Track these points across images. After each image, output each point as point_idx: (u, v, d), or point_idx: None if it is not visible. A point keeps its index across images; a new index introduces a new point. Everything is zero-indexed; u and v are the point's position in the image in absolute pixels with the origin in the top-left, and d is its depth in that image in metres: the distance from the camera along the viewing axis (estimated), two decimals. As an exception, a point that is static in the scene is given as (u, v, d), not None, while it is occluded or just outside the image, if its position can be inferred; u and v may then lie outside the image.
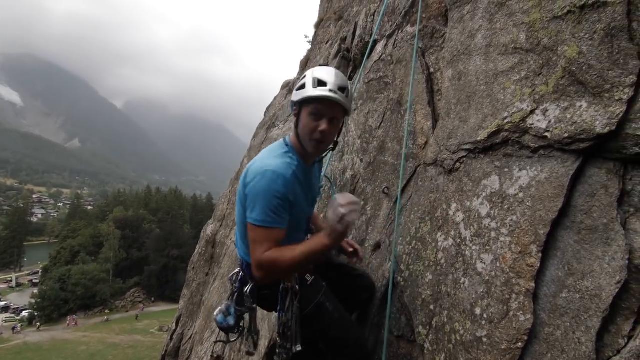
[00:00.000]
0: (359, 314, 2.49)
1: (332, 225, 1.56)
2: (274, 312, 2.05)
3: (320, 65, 1.83)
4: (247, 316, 2.15)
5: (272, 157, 1.76)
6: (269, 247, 1.63)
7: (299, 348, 1.91)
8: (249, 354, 2.27)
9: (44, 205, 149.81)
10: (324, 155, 2.05)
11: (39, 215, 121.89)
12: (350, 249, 2.24)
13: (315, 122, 1.70)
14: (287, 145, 1.85)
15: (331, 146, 1.89)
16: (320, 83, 1.69)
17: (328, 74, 1.72)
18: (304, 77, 1.77)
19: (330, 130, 1.73)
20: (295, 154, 1.83)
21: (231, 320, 2.05)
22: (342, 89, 1.70)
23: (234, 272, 2.10)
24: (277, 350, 1.99)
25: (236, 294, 2.04)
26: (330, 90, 1.67)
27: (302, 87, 1.73)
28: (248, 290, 1.96)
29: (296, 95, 1.75)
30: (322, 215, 2.94)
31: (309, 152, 1.80)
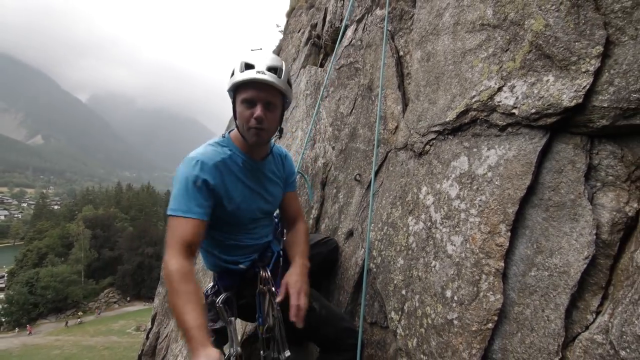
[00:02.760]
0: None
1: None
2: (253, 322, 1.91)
3: (252, 50, 1.74)
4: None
5: (202, 147, 1.67)
6: (177, 247, 1.44)
7: (288, 354, 1.80)
8: None
9: (6, 206, 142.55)
10: (270, 143, 1.86)
11: (2, 217, 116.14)
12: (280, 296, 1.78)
13: (249, 110, 1.58)
14: (223, 137, 1.76)
15: (277, 134, 1.77)
16: (248, 66, 1.57)
17: (256, 56, 1.60)
18: (235, 63, 1.65)
19: (267, 115, 1.60)
20: (233, 145, 1.72)
21: (212, 337, 1.83)
22: (272, 69, 1.57)
23: (207, 287, 1.94)
24: None
25: (209, 308, 1.83)
26: (258, 72, 1.54)
27: (232, 74, 1.61)
28: (221, 302, 1.76)
29: (228, 84, 1.63)
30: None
31: (249, 142, 1.66)
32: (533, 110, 1.34)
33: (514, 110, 1.42)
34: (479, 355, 1.37)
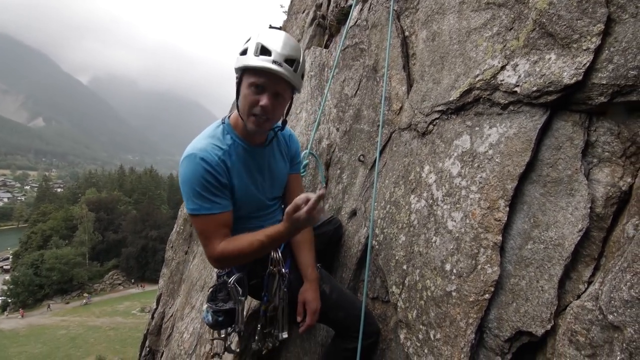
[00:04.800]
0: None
1: (292, 215, 1.42)
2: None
3: (271, 27, 1.56)
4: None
5: (202, 139, 1.58)
6: (215, 236, 1.50)
7: (285, 335, 1.85)
8: (217, 355, 2.13)
9: (9, 188, 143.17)
10: (272, 135, 1.77)
11: (5, 199, 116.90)
12: (299, 316, 1.83)
13: (255, 96, 1.47)
14: (223, 122, 1.65)
15: (279, 125, 1.69)
16: (264, 51, 1.42)
17: (275, 40, 1.44)
18: (249, 39, 1.51)
19: (274, 106, 1.50)
20: (234, 133, 1.63)
21: (220, 317, 1.86)
22: (290, 60, 1.45)
23: None
24: (256, 337, 1.89)
25: (219, 288, 1.86)
26: (274, 62, 1.41)
27: (244, 52, 1.47)
28: (233, 282, 1.78)
29: (237, 61, 1.49)
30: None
31: (248, 129, 1.56)
32: (534, 89, 1.37)
33: (516, 89, 1.45)
34: (476, 324, 1.44)
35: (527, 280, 1.33)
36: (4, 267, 59.17)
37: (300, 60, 1.50)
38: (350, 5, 3.63)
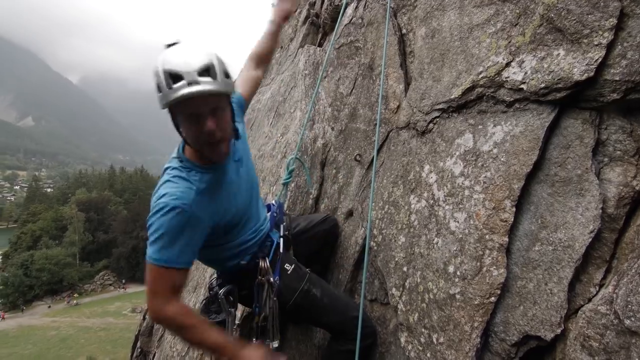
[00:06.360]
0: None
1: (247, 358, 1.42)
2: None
3: (168, 45, 1.37)
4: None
5: (170, 183, 1.44)
6: (168, 297, 1.40)
7: (276, 344, 1.81)
8: None
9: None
10: (232, 146, 1.63)
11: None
12: None
13: (195, 125, 1.34)
14: (181, 160, 1.51)
15: (232, 135, 1.55)
16: (174, 77, 1.27)
17: (177, 59, 1.29)
18: (155, 72, 1.33)
19: (218, 124, 1.36)
20: (194, 165, 1.49)
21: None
22: (204, 71, 1.29)
23: (212, 279, 1.94)
24: None
25: (212, 300, 1.82)
26: (190, 83, 1.25)
27: (158, 88, 1.32)
28: (223, 293, 1.74)
29: (159, 101, 1.34)
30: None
31: (214, 160, 1.47)
32: (542, 85, 1.32)
33: (522, 86, 1.40)
34: (481, 328, 1.39)
35: (535, 283, 1.29)
36: (-7, 267, 58.24)
37: (215, 63, 1.32)
38: (346, 3, 3.58)
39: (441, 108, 1.87)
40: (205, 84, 1.27)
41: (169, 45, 1.35)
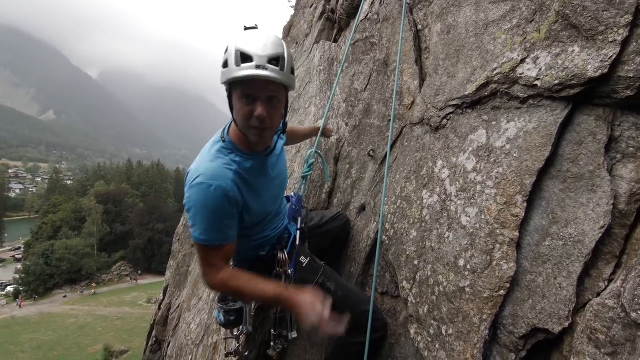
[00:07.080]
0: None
1: (303, 300, 1.45)
2: None
3: (246, 28, 1.43)
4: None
5: (208, 162, 1.48)
6: (219, 265, 1.49)
7: (294, 335, 1.85)
8: (231, 354, 2.16)
9: (21, 180, 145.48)
10: (276, 140, 1.72)
11: (17, 191, 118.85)
12: None
13: (248, 107, 1.38)
14: (224, 140, 1.55)
15: (280, 128, 1.62)
16: (245, 58, 1.32)
17: (253, 43, 1.34)
18: (226, 49, 1.39)
19: (270, 112, 1.40)
20: (236, 148, 1.54)
21: (232, 316, 1.91)
22: (274, 60, 1.34)
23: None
24: (272, 343, 1.94)
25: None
26: (258, 67, 1.30)
27: (226, 64, 1.37)
28: None
29: (221, 76, 1.40)
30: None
31: (252, 141, 1.50)
32: (556, 82, 1.33)
33: (536, 82, 1.41)
34: (490, 321, 1.42)
35: (545, 277, 1.31)
36: (17, 256, 60.33)
37: (285, 56, 1.38)
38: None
39: (455, 104, 1.88)
40: (272, 72, 1.32)
41: (248, 28, 1.42)
